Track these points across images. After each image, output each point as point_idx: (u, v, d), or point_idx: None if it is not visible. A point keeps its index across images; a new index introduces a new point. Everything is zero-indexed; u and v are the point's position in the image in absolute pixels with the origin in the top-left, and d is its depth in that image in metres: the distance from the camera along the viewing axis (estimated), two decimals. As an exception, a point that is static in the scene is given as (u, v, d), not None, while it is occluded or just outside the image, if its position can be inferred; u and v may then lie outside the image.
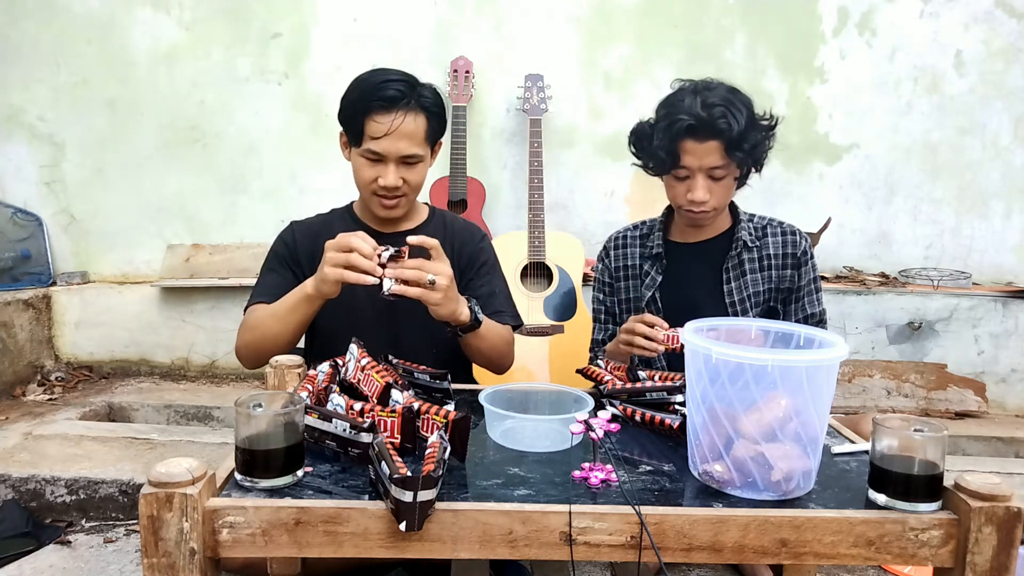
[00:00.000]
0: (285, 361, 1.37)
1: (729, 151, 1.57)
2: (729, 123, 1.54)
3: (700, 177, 1.60)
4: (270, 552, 0.92)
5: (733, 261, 1.73)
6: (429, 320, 1.46)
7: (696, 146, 1.57)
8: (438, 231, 1.75)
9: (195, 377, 3.23)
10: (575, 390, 1.30)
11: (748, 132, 1.56)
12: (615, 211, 3.27)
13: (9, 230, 3.25)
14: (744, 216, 1.77)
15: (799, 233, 1.77)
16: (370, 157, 1.58)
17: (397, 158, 1.57)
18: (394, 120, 1.54)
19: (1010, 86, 3.14)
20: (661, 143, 1.60)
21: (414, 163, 1.60)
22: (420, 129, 1.58)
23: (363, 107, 1.56)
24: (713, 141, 1.56)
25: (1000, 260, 3.23)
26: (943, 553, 0.94)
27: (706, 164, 1.58)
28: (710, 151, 1.57)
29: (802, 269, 1.74)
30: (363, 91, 1.58)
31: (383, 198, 1.63)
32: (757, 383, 0.96)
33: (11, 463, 2.21)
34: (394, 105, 1.55)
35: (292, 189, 3.27)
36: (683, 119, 1.56)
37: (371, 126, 1.55)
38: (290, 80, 3.23)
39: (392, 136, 1.55)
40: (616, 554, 0.93)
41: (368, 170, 1.60)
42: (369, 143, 1.57)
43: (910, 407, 2.96)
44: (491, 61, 3.18)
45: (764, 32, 3.16)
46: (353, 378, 1.27)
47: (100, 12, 3.19)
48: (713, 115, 1.54)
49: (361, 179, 1.62)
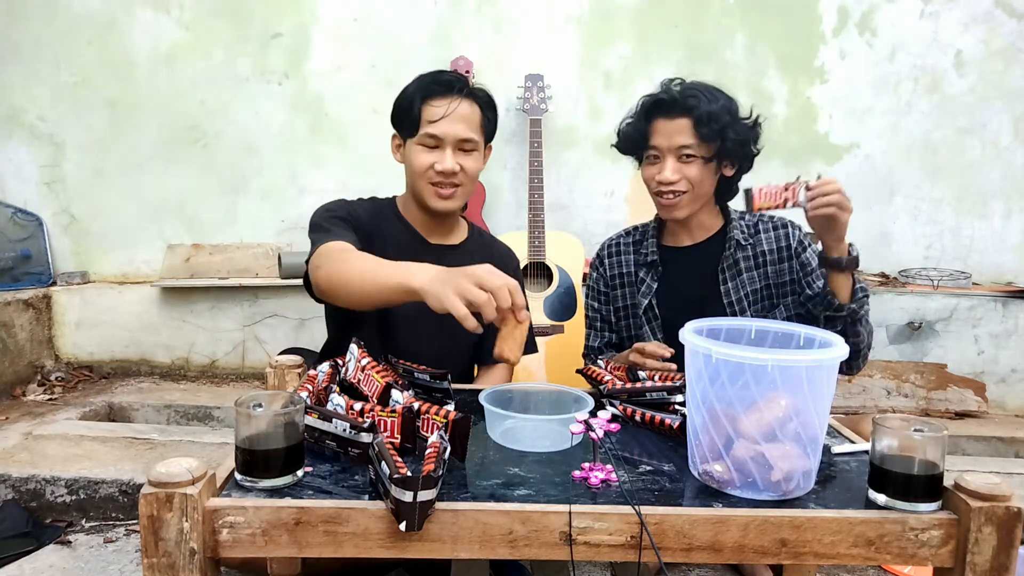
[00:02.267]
0: (285, 361, 1.37)
1: (698, 128, 1.59)
2: (698, 101, 1.58)
3: (670, 158, 1.62)
4: (270, 552, 0.92)
5: (728, 261, 1.73)
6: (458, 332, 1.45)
7: (666, 124, 1.62)
8: (478, 249, 1.76)
9: (195, 377, 3.23)
10: (575, 390, 1.30)
11: (720, 114, 1.59)
12: (615, 211, 3.28)
13: (9, 230, 3.25)
14: (736, 215, 1.77)
15: (791, 225, 1.76)
16: (428, 143, 1.60)
17: (455, 141, 1.59)
18: (451, 103, 1.58)
19: (1010, 86, 3.14)
20: (634, 122, 1.68)
21: (470, 150, 1.62)
22: (476, 116, 1.62)
23: (421, 94, 1.60)
24: (682, 119, 1.60)
25: (1000, 260, 3.23)
26: (943, 553, 0.94)
27: (675, 143, 1.61)
28: (680, 129, 1.60)
29: (802, 257, 1.72)
30: (420, 81, 1.62)
31: (439, 186, 1.62)
32: (757, 383, 0.95)
33: (11, 463, 2.21)
34: (451, 89, 1.59)
35: (292, 189, 3.27)
36: (653, 95, 1.65)
37: (429, 110, 1.59)
38: (290, 80, 3.23)
39: (450, 119, 1.58)
40: (616, 554, 0.93)
41: (425, 155, 1.60)
42: (427, 127, 1.59)
43: (910, 407, 2.96)
44: (491, 61, 3.18)
45: (764, 32, 3.16)
46: (353, 378, 1.27)
47: (100, 12, 3.19)
48: (684, 93, 1.61)
49: (418, 165, 1.61)
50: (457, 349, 1.72)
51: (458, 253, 1.72)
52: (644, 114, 1.66)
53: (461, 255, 1.71)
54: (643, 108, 1.67)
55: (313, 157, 3.22)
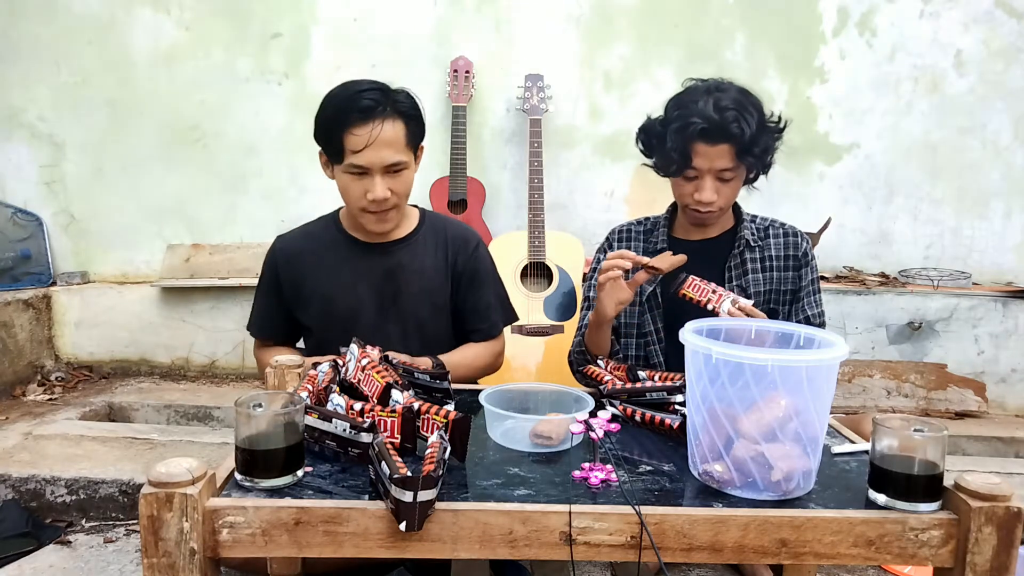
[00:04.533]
0: (285, 361, 1.37)
1: (740, 155, 1.57)
2: (741, 127, 1.54)
3: (709, 179, 1.60)
4: (270, 552, 0.92)
5: (736, 260, 1.74)
6: (424, 323, 1.47)
7: (708, 149, 1.57)
8: (430, 236, 1.74)
9: (195, 377, 3.23)
10: (575, 390, 1.30)
11: (759, 136, 1.57)
12: (615, 211, 3.27)
13: (9, 230, 3.25)
14: (747, 216, 1.78)
15: (800, 235, 1.77)
16: (355, 172, 1.56)
17: (382, 168, 1.55)
18: (372, 130, 1.51)
19: (1010, 86, 3.14)
20: (674, 144, 1.59)
21: (399, 171, 1.58)
22: (400, 135, 1.56)
23: (339, 123, 1.54)
24: (724, 144, 1.56)
25: (1000, 260, 3.23)
26: (943, 553, 0.94)
27: (716, 166, 1.59)
28: (721, 154, 1.57)
29: (803, 271, 1.75)
30: (336, 106, 1.55)
31: (374, 214, 1.60)
32: (757, 383, 0.96)
33: (11, 463, 2.21)
34: (370, 115, 1.52)
35: (292, 189, 3.27)
36: (696, 122, 1.55)
37: (350, 140, 1.53)
38: (290, 80, 3.23)
39: (373, 147, 1.52)
40: (616, 554, 0.93)
41: (355, 186, 1.57)
42: (351, 158, 1.54)
43: (910, 407, 2.96)
44: (491, 61, 3.18)
45: (764, 32, 3.16)
46: (353, 378, 1.27)
47: (100, 12, 3.19)
48: (726, 119, 1.54)
49: (351, 197, 1.60)
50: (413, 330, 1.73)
51: (409, 244, 1.71)
52: (687, 138, 1.57)
53: (413, 245, 1.72)
54: (685, 133, 1.57)
55: (313, 157, 3.17)
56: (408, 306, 1.70)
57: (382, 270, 1.68)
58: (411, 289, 1.69)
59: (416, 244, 1.72)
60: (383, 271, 1.68)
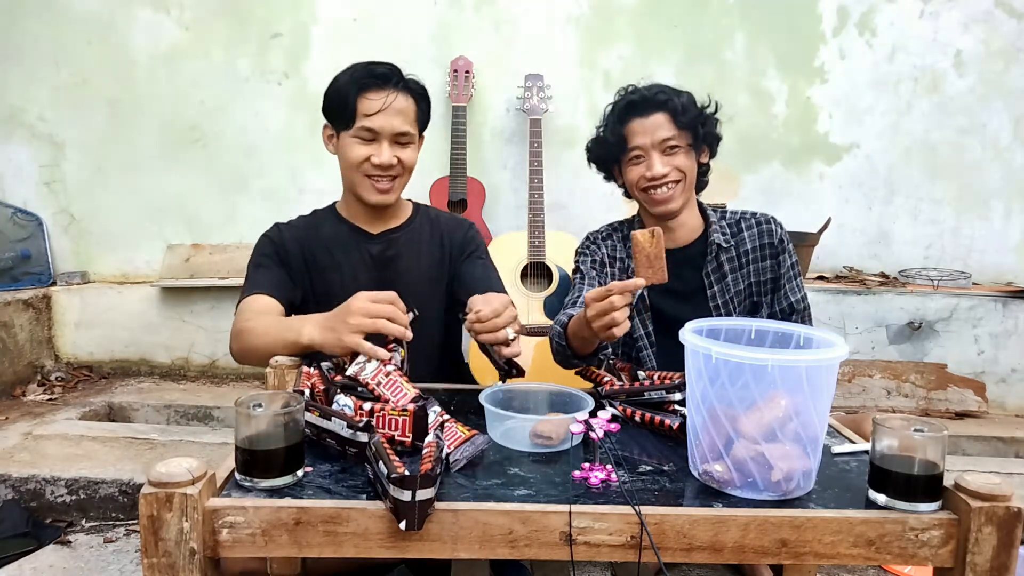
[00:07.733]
0: (285, 361, 1.37)
1: (676, 119, 1.60)
2: (668, 96, 1.61)
3: (655, 153, 1.62)
4: (270, 552, 0.92)
5: (712, 265, 1.71)
6: (421, 309, 1.46)
7: (643, 122, 1.62)
8: (424, 226, 1.75)
9: (195, 377, 3.23)
10: (575, 390, 1.30)
11: (689, 104, 1.63)
12: (615, 211, 3.27)
13: (9, 230, 3.25)
14: (715, 216, 1.74)
15: (774, 221, 1.74)
16: (364, 136, 1.58)
17: (391, 135, 1.58)
18: (387, 96, 1.56)
19: (1010, 86, 3.14)
20: (609, 129, 1.67)
21: (406, 143, 1.61)
22: (411, 109, 1.61)
23: (356, 87, 1.57)
24: (658, 114, 1.61)
25: (1000, 260, 3.23)
26: (943, 553, 0.94)
27: (657, 138, 1.61)
28: (658, 125, 1.61)
29: (781, 257, 1.72)
30: (354, 73, 1.59)
31: (376, 179, 1.61)
32: (757, 383, 0.95)
33: (11, 463, 2.21)
34: (387, 82, 1.57)
35: (292, 189, 3.27)
36: (624, 98, 1.65)
37: (364, 104, 1.56)
38: (290, 80, 3.23)
39: (386, 112, 1.56)
40: (616, 554, 0.93)
41: (361, 148, 1.59)
42: (363, 120, 1.57)
43: (910, 407, 2.96)
44: (491, 61, 3.18)
45: (764, 32, 3.16)
46: (373, 379, 1.24)
47: (100, 12, 3.19)
48: (652, 90, 1.63)
49: (354, 158, 1.59)
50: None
51: (406, 232, 1.72)
52: (618, 118, 1.65)
53: (410, 233, 1.72)
54: (615, 113, 1.66)
55: (313, 157, 3.22)
56: (406, 292, 1.69)
57: (382, 257, 1.69)
58: (410, 276, 1.70)
59: (412, 232, 1.73)
60: (383, 258, 1.69)
